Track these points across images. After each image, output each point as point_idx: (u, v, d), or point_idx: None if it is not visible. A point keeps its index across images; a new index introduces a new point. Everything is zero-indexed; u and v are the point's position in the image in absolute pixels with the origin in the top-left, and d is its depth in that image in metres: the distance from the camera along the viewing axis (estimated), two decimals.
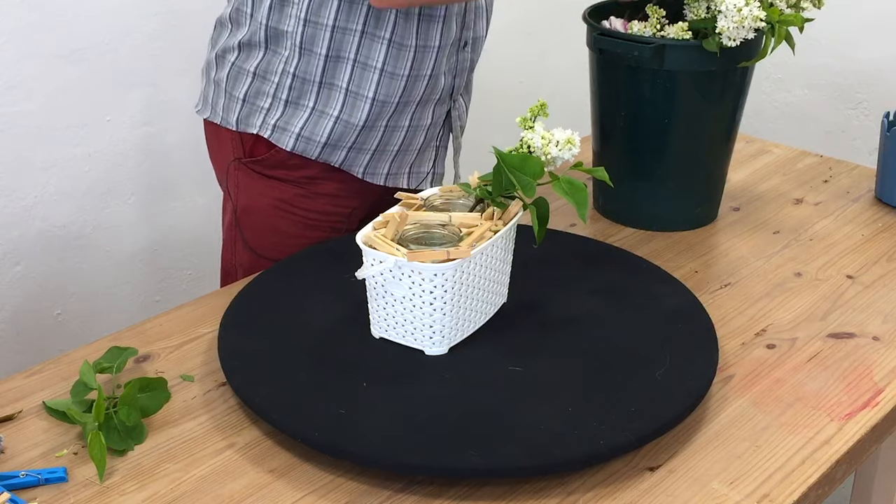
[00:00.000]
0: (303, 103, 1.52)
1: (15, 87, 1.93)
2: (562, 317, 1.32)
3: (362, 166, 1.56)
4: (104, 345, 1.29)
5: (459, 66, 1.58)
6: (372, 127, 1.52)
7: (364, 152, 1.55)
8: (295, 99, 1.52)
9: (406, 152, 1.59)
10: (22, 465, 1.11)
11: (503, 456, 1.08)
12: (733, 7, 1.45)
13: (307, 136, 1.53)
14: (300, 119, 1.52)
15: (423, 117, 1.56)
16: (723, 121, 1.61)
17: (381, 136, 1.54)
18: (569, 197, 1.22)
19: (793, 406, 1.22)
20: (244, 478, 1.10)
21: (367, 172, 1.57)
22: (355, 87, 1.50)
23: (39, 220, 2.04)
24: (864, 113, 2.62)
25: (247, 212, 1.62)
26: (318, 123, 1.52)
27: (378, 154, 1.56)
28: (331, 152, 1.54)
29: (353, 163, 1.56)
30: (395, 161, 1.58)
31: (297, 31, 1.47)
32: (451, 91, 1.58)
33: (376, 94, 1.50)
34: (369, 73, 1.49)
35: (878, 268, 1.53)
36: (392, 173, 1.59)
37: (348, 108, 1.51)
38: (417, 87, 1.52)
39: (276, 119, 1.53)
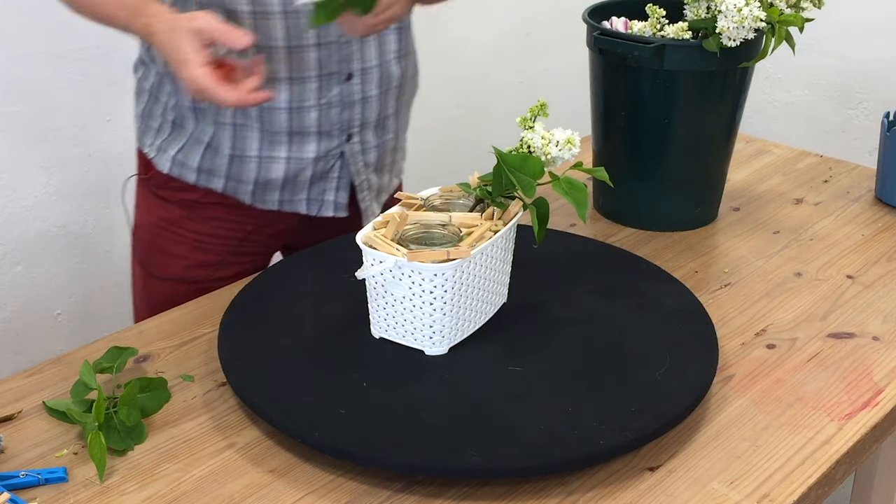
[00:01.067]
0: (185, 127, 1.48)
1: (15, 87, 1.93)
2: (562, 317, 1.32)
3: (247, 195, 1.51)
4: (104, 345, 1.29)
5: (346, 99, 1.46)
6: (242, 157, 1.47)
7: (244, 182, 1.50)
8: (179, 122, 1.49)
9: (295, 183, 1.51)
10: (22, 465, 1.11)
11: (503, 456, 1.08)
12: (733, 7, 1.45)
13: (181, 160, 1.50)
14: (178, 143, 1.49)
15: (304, 150, 1.47)
16: (723, 121, 1.61)
17: (258, 167, 1.48)
18: (569, 197, 1.22)
19: (793, 406, 1.22)
20: (244, 478, 1.10)
21: (256, 200, 1.52)
22: (216, 116, 1.45)
23: (39, 220, 2.04)
24: (864, 113, 2.62)
25: (139, 228, 1.59)
26: (191, 150, 1.49)
27: (262, 185, 1.50)
28: (209, 179, 1.50)
29: (236, 191, 1.51)
30: (284, 190, 1.51)
31: (159, 55, 1.43)
32: (339, 125, 1.48)
33: (234, 120, 1.45)
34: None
35: (878, 268, 1.53)
36: (286, 199, 1.52)
37: (217, 137, 1.47)
38: (277, 119, 1.44)
39: (162, 140, 1.51)
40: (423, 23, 2.30)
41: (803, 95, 2.71)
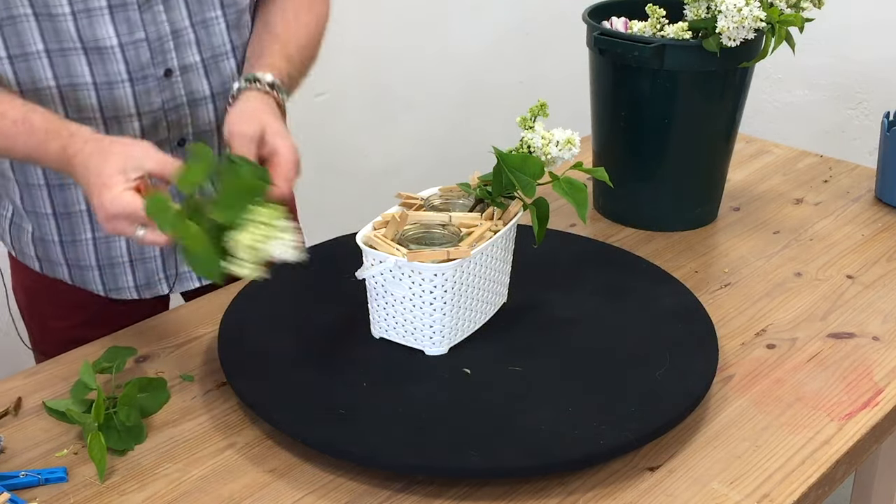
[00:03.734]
0: (3, 213, 1.37)
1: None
2: (562, 317, 1.32)
3: (97, 283, 1.38)
4: (104, 345, 1.29)
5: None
6: (74, 241, 1.34)
7: (88, 269, 1.36)
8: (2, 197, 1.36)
9: (144, 261, 1.38)
10: (22, 465, 1.11)
11: (503, 456, 1.08)
12: (733, 7, 1.45)
13: (19, 249, 1.38)
14: (6, 230, 1.37)
15: None
16: (723, 121, 1.61)
17: (94, 249, 1.35)
18: (569, 197, 1.22)
19: (793, 406, 1.22)
20: (244, 478, 1.10)
21: (110, 290, 1.38)
22: (30, 206, 1.33)
23: None
24: (864, 113, 2.62)
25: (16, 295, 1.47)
26: (20, 236, 1.36)
27: (108, 268, 1.37)
28: (52, 268, 1.37)
29: (84, 280, 1.37)
30: (136, 272, 1.38)
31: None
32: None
33: (54, 207, 1.32)
34: (35, 190, 1.31)
35: (878, 268, 1.53)
36: (141, 285, 1.39)
37: (36, 226, 1.34)
38: None
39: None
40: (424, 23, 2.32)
41: (803, 95, 2.71)
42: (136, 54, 1.24)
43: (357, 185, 2.58)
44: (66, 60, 1.21)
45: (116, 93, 1.25)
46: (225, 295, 1.41)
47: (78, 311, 1.42)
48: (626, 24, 1.64)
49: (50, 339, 1.43)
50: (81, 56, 1.22)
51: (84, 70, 1.22)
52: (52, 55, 1.21)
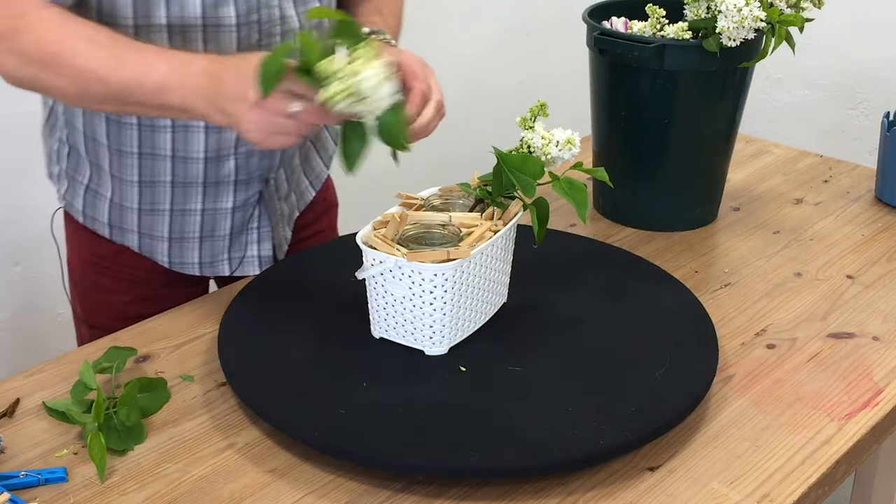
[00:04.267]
0: (79, 179, 1.39)
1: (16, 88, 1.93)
2: (562, 317, 1.32)
3: (164, 254, 1.41)
4: (104, 345, 1.29)
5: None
6: (153, 210, 1.38)
7: (158, 239, 1.40)
8: (72, 172, 1.40)
9: (213, 238, 1.42)
10: (22, 465, 1.11)
11: (503, 456, 1.08)
12: (733, 7, 1.45)
13: (91, 215, 1.40)
14: (80, 196, 1.40)
15: (220, 201, 1.39)
16: (723, 121, 1.61)
17: (170, 221, 1.39)
18: (569, 197, 1.22)
19: (793, 406, 1.22)
20: (244, 478, 1.10)
21: (174, 263, 1.42)
22: (117, 171, 1.36)
23: (39, 220, 2.03)
24: (864, 113, 2.62)
25: (71, 267, 1.49)
26: (96, 203, 1.39)
27: (177, 242, 1.41)
28: (122, 234, 1.40)
29: (151, 250, 1.41)
30: (203, 248, 1.42)
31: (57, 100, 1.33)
32: (259, 172, 1.40)
33: (141, 176, 1.35)
34: (127, 158, 1.34)
35: (878, 268, 1.53)
36: (206, 262, 1.43)
37: (118, 192, 1.37)
38: (193, 169, 1.35)
39: (65, 190, 1.42)
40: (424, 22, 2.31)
41: (803, 95, 2.71)
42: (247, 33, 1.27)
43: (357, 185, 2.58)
44: (184, 36, 1.24)
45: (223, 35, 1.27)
46: (225, 295, 1.41)
47: (137, 286, 1.44)
48: (626, 24, 1.64)
49: (105, 314, 1.46)
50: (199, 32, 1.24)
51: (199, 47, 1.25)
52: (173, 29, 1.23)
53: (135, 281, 1.45)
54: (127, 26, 1.22)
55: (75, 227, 1.46)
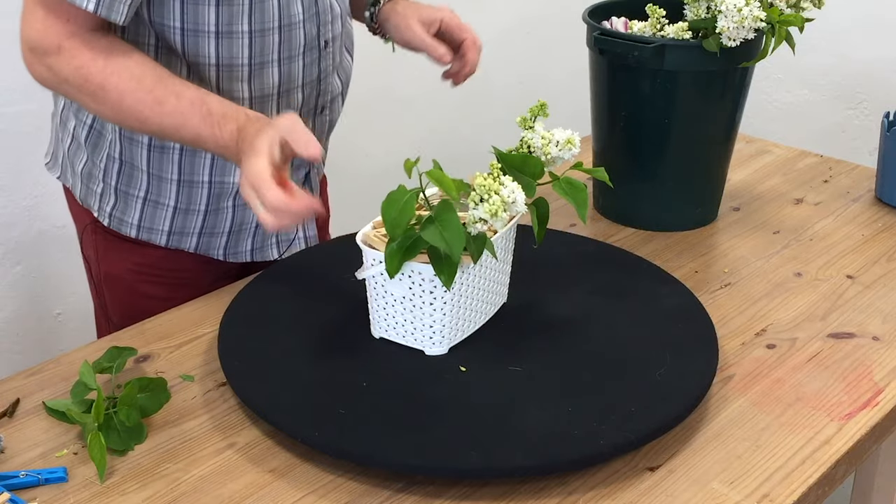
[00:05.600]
0: (133, 193, 1.40)
1: (15, 87, 1.93)
2: (562, 317, 1.32)
3: (220, 248, 1.46)
4: (104, 345, 1.29)
5: (317, 131, 1.45)
6: (217, 210, 1.42)
7: (217, 235, 1.44)
8: (125, 187, 1.40)
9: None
10: (22, 465, 1.11)
11: (503, 456, 1.08)
12: (733, 7, 1.45)
13: (148, 226, 1.42)
14: (135, 210, 1.41)
15: None
16: (723, 121, 1.61)
17: (232, 216, 1.43)
18: (569, 197, 1.22)
19: (793, 406, 1.22)
20: (244, 478, 1.10)
21: (229, 253, 1.47)
22: (187, 175, 1.38)
23: (39, 220, 2.04)
24: (864, 113, 2.62)
25: (109, 281, 1.48)
26: (155, 213, 1.41)
27: (234, 234, 1.45)
28: (179, 239, 1.43)
29: (207, 247, 1.45)
30: (256, 236, 1.47)
31: None
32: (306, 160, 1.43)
33: (212, 178, 1.39)
34: (199, 159, 1.37)
35: (878, 268, 1.53)
36: (257, 248, 1.48)
37: (185, 197, 1.39)
38: None
39: (111, 208, 1.42)
40: None
41: (803, 95, 2.71)
42: (310, 27, 1.36)
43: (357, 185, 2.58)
44: (262, 39, 1.31)
45: (294, 65, 1.36)
46: (225, 295, 1.41)
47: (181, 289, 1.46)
48: (626, 24, 1.64)
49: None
50: (276, 34, 1.32)
51: (274, 47, 1.33)
52: (253, 35, 1.30)
53: (179, 284, 1.47)
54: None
55: (114, 240, 1.45)
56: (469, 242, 1.14)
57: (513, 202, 1.13)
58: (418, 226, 1.14)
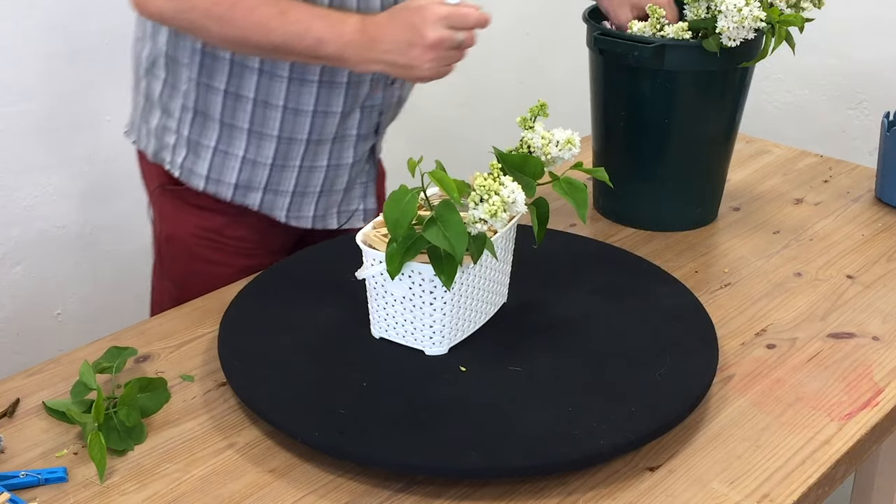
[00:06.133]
0: (205, 143, 1.45)
1: (15, 87, 1.93)
2: (562, 317, 1.32)
3: (283, 209, 1.50)
4: (104, 345, 1.29)
5: (386, 102, 1.51)
6: (284, 166, 1.46)
7: (282, 194, 1.49)
8: (197, 137, 1.45)
9: (331, 192, 1.52)
10: (22, 465, 1.11)
11: (503, 456, 1.08)
12: (733, 7, 1.45)
13: (216, 178, 1.46)
14: (205, 159, 1.45)
15: (343, 156, 1.50)
16: (723, 121, 1.61)
17: (297, 175, 1.48)
18: (569, 197, 1.22)
19: (793, 406, 1.22)
20: (244, 478, 1.10)
21: (291, 216, 1.51)
22: (258, 126, 1.43)
23: (39, 220, 2.04)
24: (864, 113, 2.61)
25: (170, 241, 1.54)
26: (224, 164, 1.45)
27: (299, 196, 1.50)
28: (245, 194, 1.48)
29: (272, 206, 1.49)
30: (319, 202, 1.52)
31: (193, 62, 1.40)
32: (375, 128, 1.52)
33: (281, 131, 1.43)
34: (272, 111, 1.42)
35: (878, 268, 1.53)
36: (319, 215, 1.53)
37: (253, 148, 1.44)
38: (329, 124, 1.45)
39: (183, 159, 1.47)
40: None
41: (803, 95, 2.71)
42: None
43: None
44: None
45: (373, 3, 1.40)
46: (225, 295, 1.41)
47: (239, 257, 1.51)
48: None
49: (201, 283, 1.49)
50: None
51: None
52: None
53: (238, 252, 1.52)
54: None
55: (180, 204, 1.51)
56: (469, 242, 1.15)
57: (513, 202, 1.13)
58: (419, 226, 1.14)
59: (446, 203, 1.13)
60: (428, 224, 1.12)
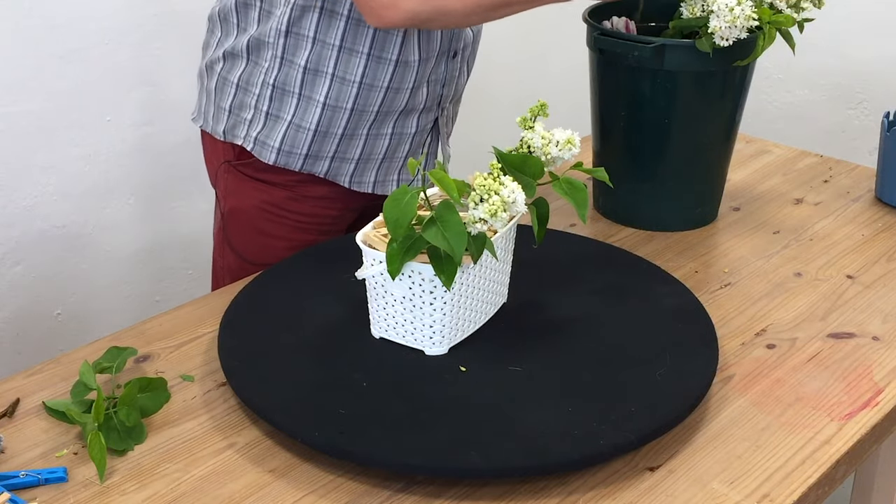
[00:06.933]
0: (282, 116, 1.52)
1: (15, 87, 1.93)
2: (562, 317, 1.32)
3: (347, 175, 1.56)
4: (104, 345, 1.29)
5: (448, 75, 1.57)
6: (352, 136, 1.53)
7: (347, 161, 1.55)
8: (275, 111, 1.52)
9: (392, 160, 1.58)
10: (22, 465, 1.11)
11: (503, 456, 1.08)
12: (725, 7, 1.45)
13: (287, 149, 1.53)
14: (279, 132, 1.53)
15: (406, 126, 1.56)
16: (723, 121, 1.61)
17: (364, 144, 1.54)
18: (569, 197, 1.22)
19: (793, 406, 1.22)
20: (244, 478, 1.10)
21: (354, 181, 1.57)
22: (333, 100, 1.50)
23: (39, 220, 2.04)
24: (864, 113, 2.62)
25: (234, 214, 1.62)
26: (296, 136, 1.52)
27: (362, 163, 1.56)
28: (313, 163, 1.54)
29: (337, 172, 1.56)
30: (380, 169, 1.58)
31: (278, 42, 1.48)
32: (438, 100, 1.58)
33: (355, 104, 1.50)
34: (347, 87, 1.49)
35: (878, 268, 1.53)
36: (379, 181, 1.59)
37: (326, 120, 1.51)
38: (399, 99, 1.52)
39: (258, 132, 1.54)
40: None
41: (803, 95, 2.71)
42: None
43: None
44: None
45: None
46: (225, 295, 1.41)
47: (297, 231, 1.59)
48: (627, 24, 1.64)
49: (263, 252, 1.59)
50: None
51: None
52: None
53: (296, 228, 1.59)
54: None
55: (245, 179, 1.59)
56: (469, 242, 1.15)
57: (513, 202, 1.13)
58: (419, 226, 1.14)
59: (446, 203, 1.13)
60: (427, 224, 1.12)
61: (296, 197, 1.57)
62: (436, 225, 1.12)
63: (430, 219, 1.12)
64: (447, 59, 1.55)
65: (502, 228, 1.19)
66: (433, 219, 1.12)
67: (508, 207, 1.13)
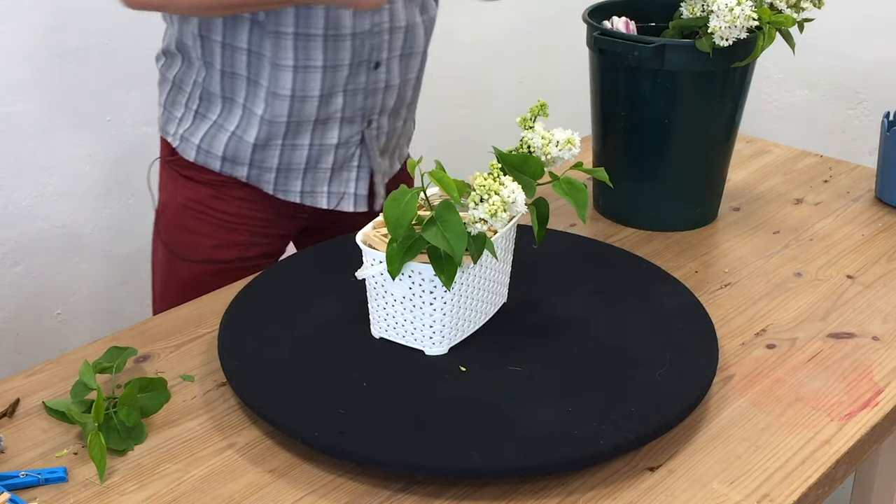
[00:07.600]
0: (209, 116, 1.54)
1: (15, 87, 1.93)
2: (562, 317, 1.32)
3: (270, 183, 1.56)
4: (104, 345, 1.29)
5: (370, 86, 1.52)
6: (266, 146, 1.52)
7: (266, 170, 1.55)
8: (203, 111, 1.54)
9: (316, 170, 1.56)
10: (22, 465, 1.11)
11: (503, 456, 1.08)
12: (725, 7, 1.45)
13: (206, 148, 1.54)
14: (202, 131, 1.54)
15: (327, 137, 1.53)
16: (723, 121, 1.61)
17: (280, 154, 1.53)
18: (569, 197, 1.22)
19: (793, 406, 1.22)
20: (244, 478, 1.10)
21: (279, 190, 1.56)
22: (250, 104, 1.50)
23: (39, 220, 2.04)
24: (864, 113, 2.62)
25: (164, 209, 1.64)
26: (216, 137, 1.53)
27: (283, 172, 1.55)
28: (232, 167, 1.55)
29: (259, 179, 1.56)
30: (305, 179, 1.56)
31: (195, 45, 1.50)
32: (362, 112, 1.54)
33: (265, 112, 1.49)
34: (260, 91, 1.48)
35: (878, 268, 1.53)
36: (307, 191, 1.57)
37: (243, 125, 1.51)
38: (307, 107, 1.49)
39: (185, 129, 1.56)
40: None
41: (803, 95, 2.71)
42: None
43: None
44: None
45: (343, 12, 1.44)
46: (225, 295, 1.41)
47: (223, 231, 1.59)
48: (627, 24, 1.64)
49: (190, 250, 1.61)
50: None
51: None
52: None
53: (222, 226, 1.59)
54: None
55: (175, 175, 1.60)
56: (469, 242, 1.15)
57: (513, 202, 1.13)
58: (419, 226, 1.14)
59: (446, 203, 1.13)
60: (427, 224, 1.12)
61: (220, 196, 1.57)
62: (436, 225, 1.12)
63: (430, 219, 1.12)
64: (367, 68, 1.51)
65: (502, 228, 1.19)
66: (433, 219, 1.12)
67: (508, 207, 1.13)
